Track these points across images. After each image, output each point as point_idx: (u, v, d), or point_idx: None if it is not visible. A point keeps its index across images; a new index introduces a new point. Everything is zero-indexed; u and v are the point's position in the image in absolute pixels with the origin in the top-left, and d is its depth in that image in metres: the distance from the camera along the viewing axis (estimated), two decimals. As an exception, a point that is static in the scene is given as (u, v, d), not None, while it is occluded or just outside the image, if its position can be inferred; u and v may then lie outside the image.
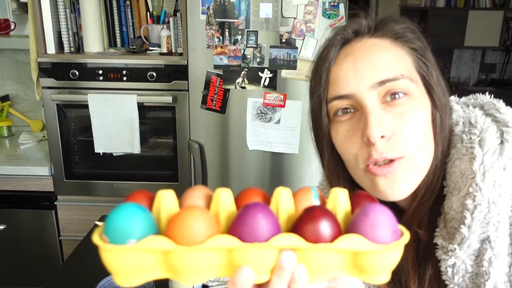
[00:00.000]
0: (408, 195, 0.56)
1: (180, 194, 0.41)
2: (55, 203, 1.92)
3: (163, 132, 1.96)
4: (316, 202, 0.42)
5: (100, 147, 1.84)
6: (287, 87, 1.73)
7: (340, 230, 0.39)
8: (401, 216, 0.61)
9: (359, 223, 0.38)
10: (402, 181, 0.54)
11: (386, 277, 0.39)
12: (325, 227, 0.37)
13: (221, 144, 1.82)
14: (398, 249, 0.38)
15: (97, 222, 1.11)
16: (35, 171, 1.87)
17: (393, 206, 0.63)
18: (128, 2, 1.94)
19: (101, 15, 1.90)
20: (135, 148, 1.84)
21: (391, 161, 0.54)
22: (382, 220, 0.38)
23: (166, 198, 0.40)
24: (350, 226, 0.39)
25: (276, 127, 1.77)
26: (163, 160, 1.95)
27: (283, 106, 1.74)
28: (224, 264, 0.38)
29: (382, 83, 0.54)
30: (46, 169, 1.88)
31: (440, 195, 0.57)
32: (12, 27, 2.16)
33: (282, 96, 1.74)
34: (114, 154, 1.88)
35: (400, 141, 0.54)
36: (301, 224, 0.38)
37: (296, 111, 1.75)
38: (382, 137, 0.53)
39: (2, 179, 1.87)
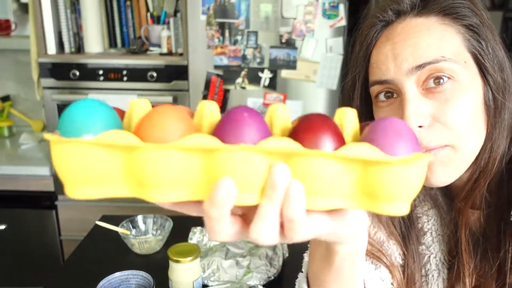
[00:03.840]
0: (460, 180, 0.55)
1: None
2: (56, 203, 1.92)
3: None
4: None
5: (100, 147, 1.85)
6: (287, 87, 1.73)
7: (344, 142, 0.31)
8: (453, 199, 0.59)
9: (371, 135, 0.30)
10: (445, 169, 0.53)
11: (404, 208, 0.31)
12: (326, 136, 0.29)
13: (221, 144, 1.83)
14: (420, 165, 0.29)
15: (97, 222, 1.11)
16: (35, 171, 1.88)
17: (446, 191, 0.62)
18: (128, 3, 1.94)
19: (101, 15, 1.90)
20: (136, 148, 1.84)
21: (433, 148, 0.52)
22: (400, 131, 0.30)
23: (139, 105, 0.32)
24: (360, 140, 0.31)
25: (276, 127, 1.77)
26: (164, 160, 1.95)
27: (283, 106, 1.75)
28: (200, 180, 0.29)
29: (421, 66, 0.51)
30: (47, 169, 1.88)
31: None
32: (13, 27, 2.16)
33: (282, 96, 1.74)
34: (115, 154, 1.88)
35: (441, 130, 0.51)
36: (296, 132, 0.30)
37: (296, 111, 1.75)
38: (420, 126, 0.52)
39: (2, 179, 1.87)
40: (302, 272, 0.58)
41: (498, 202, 0.55)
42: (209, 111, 0.32)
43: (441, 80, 0.51)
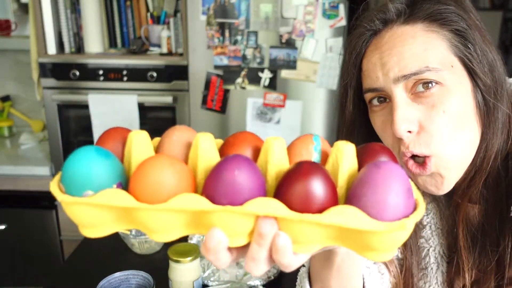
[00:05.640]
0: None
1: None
2: (56, 203, 1.92)
3: (163, 132, 1.96)
4: (315, 156, 0.35)
5: (100, 147, 1.85)
6: (287, 87, 1.73)
7: (336, 195, 0.31)
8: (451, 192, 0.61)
9: (361, 188, 0.30)
10: (442, 179, 0.54)
11: (388, 256, 0.32)
12: (314, 191, 0.29)
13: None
14: (405, 230, 0.30)
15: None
16: (36, 171, 1.88)
17: None
18: (128, 3, 1.94)
19: (101, 15, 1.90)
20: (136, 148, 1.84)
21: (424, 162, 0.53)
22: (392, 187, 0.29)
23: (137, 142, 0.34)
24: (350, 192, 0.31)
25: (276, 127, 1.78)
26: (164, 160, 1.95)
27: (283, 106, 1.75)
28: (195, 223, 0.32)
29: (406, 77, 0.53)
30: (47, 169, 1.88)
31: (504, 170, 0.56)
32: (13, 27, 2.16)
33: (282, 96, 1.74)
34: (115, 154, 1.88)
35: (427, 137, 0.53)
36: (286, 184, 0.31)
37: (296, 111, 1.75)
38: (409, 131, 0.53)
39: (3, 179, 1.87)
40: (304, 266, 0.59)
41: (496, 198, 0.56)
42: (203, 150, 0.33)
43: (430, 85, 0.53)
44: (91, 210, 0.31)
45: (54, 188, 0.32)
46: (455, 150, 0.53)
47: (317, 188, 0.30)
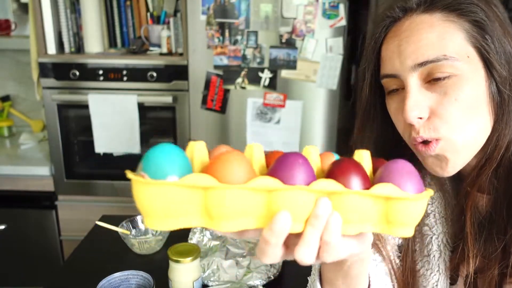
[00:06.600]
0: (468, 166, 0.58)
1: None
2: (56, 203, 1.93)
3: (163, 132, 1.96)
4: None
5: (100, 147, 1.85)
6: (287, 87, 1.73)
7: (369, 181, 0.39)
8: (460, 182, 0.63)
9: (387, 176, 0.39)
10: (447, 161, 0.56)
11: (410, 231, 0.40)
12: (358, 176, 0.38)
13: (221, 144, 1.82)
14: (424, 200, 0.39)
15: (97, 222, 1.11)
16: (35, 171, 1.88)
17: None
18: (128, 3, 1.94)
19: (101, 15, 1.90)
20: (135, 148, 1.84)
21: (430, 142, 0.55)
22: (410, 173, 0.39)
23: (199, 147, 0.40)
24: (378, 180, 0.39)
25: (276, 127, 1.77)
26: (163, 160, 1.95)
27: (283, 106, 1.75)
28: (261, 213, 0.37)
29: (422, 64, 0.54)
30: (47, 169, 1.88)
31: None
32: (13, 27, 2.16)
33: (282, 96, 1.74)
34: (114, 154, 1.89)
35: (437, 123, 0.54)
36: (334, 174, 0.38)
37: (296, 111, 1.75)
38: (420, 118, 0.55)
39: (2, 179, 1.87)
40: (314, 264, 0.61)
41: (506, 188, 0.58)
42: (258, 155, 0.41)
43: (442, 79, 0.54)
44: (172, 194, 0.34)
45: (132, 175, 0.34)
46: (463, 136, 0.55)
47: (360, 174, 0.38)
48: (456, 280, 0.66)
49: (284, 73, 1.72)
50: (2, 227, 1.88)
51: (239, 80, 1.74)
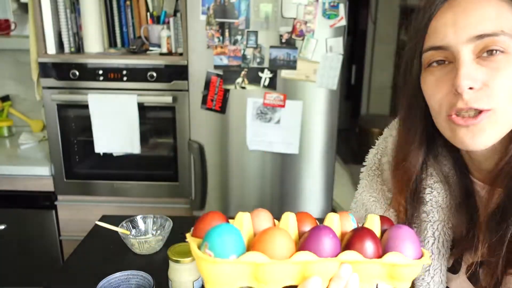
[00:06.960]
0: (495, 153, 0.59)
1: (178, 193, 0.44)
2: (56, 203, 1.93)
3: (163, 132, 1.96)
4: (354, 224, 0.54)
5: (100, 147, 1.85)
6: (287, 87, 1.73)
7: (380, 245, 0.50)
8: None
9: (393, 242, 0.50)
10: (484, 133, 0.56)
11: (408, 284, 0.51)
12: (373, 244, 0.49)
13: (221, 144, 1.83)
14: (421, 264, 0.50)
15: (97, 222, 1.11)
16: (35, 171, 1.88)
17: (466, 189, 0.67)
18: (128, 2, 1.94)
19: (101, 15, 1.90)
20: (135, 148, 1.84)
21: (479, 112, 0.55)
22: (412, 239, 0.50)
23: (246, 220, 0.50)
24: (385, 243, 0.50)
25: (276, 127, 1.77)
26: (163, 160, 1.95)
27: (283, 106, 1.75)
28: (298, 275, 0.47)
29: (480, 37, 0.54)
30: (47, 169, 1.88)
31: None
32: (13, 27, 2.16)
33: (282, 96, 1.74)
34: (114, 154, 1.88)
35: (489, 94, 0.54)
36: (354, 242, 0.49)
37: (296, 111, 1.75)
38: (470, 88, 0.55)
39: (2, 179, 1.87)
40: None
41: None
42: (292, 225, 0.51)
43: (495, 52, 0.54)
44: (231, 269, 0.44)
45: (201, 254, 0.44)
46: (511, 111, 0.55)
47: (375, 240, 0.49)
48: (459, 269, 0.67)
49: (284, 73, 1.72)
50: (2, 227, 1.88)
51: (239, 80, 1.74)
